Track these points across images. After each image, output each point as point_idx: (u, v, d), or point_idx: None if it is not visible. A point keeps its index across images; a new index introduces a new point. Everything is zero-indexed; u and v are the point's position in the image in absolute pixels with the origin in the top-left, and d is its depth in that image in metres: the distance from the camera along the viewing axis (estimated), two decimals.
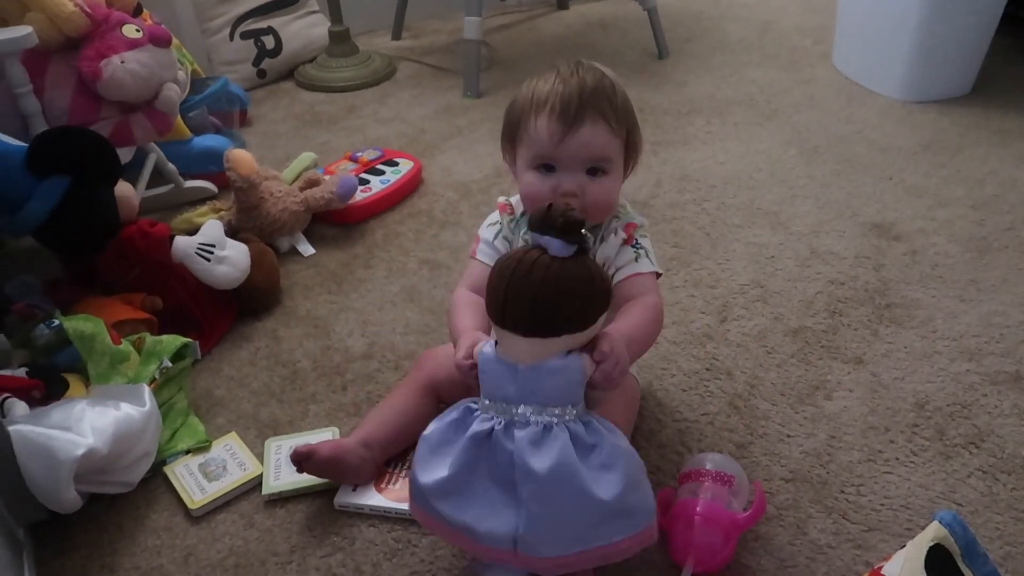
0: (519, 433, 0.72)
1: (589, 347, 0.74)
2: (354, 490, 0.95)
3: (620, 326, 0.80)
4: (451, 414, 0.77)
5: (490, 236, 0.95)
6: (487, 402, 0.75)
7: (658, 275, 0.91)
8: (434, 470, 0.75)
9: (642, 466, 0.76)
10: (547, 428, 0.72)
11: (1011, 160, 1.58)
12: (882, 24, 1.80)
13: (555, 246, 0.70)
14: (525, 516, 0.71)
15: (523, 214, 0.94)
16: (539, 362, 0.72)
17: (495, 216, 0.96)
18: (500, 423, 0.73)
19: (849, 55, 1.97)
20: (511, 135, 0.92)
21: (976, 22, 1.74)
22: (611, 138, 0.86)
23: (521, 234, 0.93)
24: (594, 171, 0.87)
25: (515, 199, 0.96)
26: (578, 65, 0.88)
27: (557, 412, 0.73)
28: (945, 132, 1.69)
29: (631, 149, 0.91)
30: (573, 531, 0.71)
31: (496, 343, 0.75)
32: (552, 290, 0.69)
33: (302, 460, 0.92)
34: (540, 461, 0.70)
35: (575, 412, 0.74)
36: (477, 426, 0.74)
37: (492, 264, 0.91)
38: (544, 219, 0.70)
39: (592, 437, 0.73)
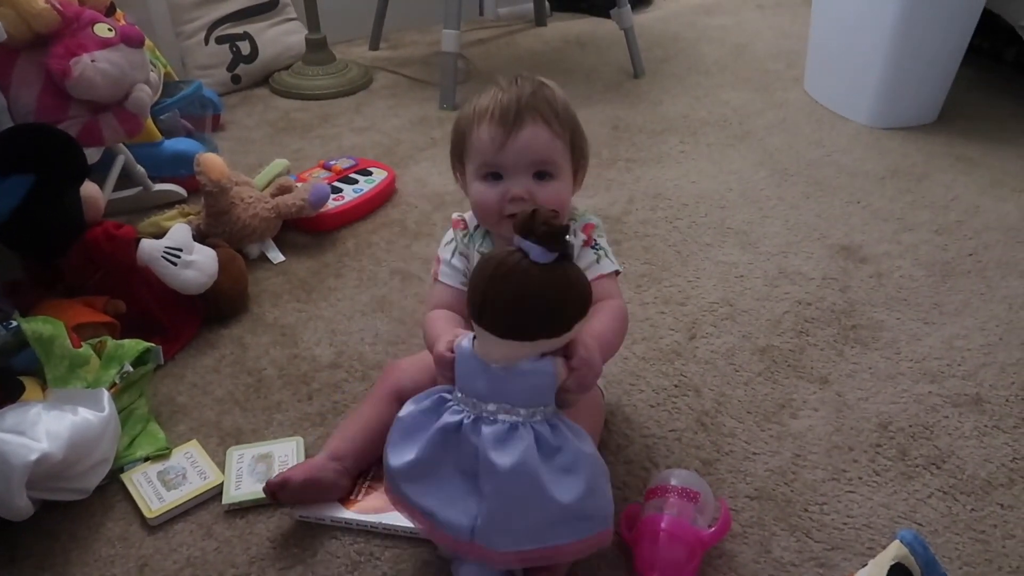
0: (486, 429, 0.74)
1: (564, 351, 0.75)
2: None
3: (594, 331, 0.81)
4: (425, 401, 0.78)
5: (448, 255, 0.94)
6: (459, 395, 0.76)
7: (617, 272, 0.92)
8: (403, 453, 0.77)
9: (606, 472, 0.78)
10: (513, 427, 0.74)
11: (975, 187, 1.61)
12: (852, 52, 1.84)
13: (535, 252, 0.70)
14: (484, 509, 0.73)
15: (477, 227, 0.95)
16: (510, 363, 0.73)
17: (450, 234, 0.96)
18: (469, 417, 0.75)
19: (820, 81, 2.01)
20: (458, 151, 0.93)
21: (943, 53, 1.78)
22: (553, 139, 0.87)
23: (476, 248, 0.94)
24: (541, 175, 0.87)
25: (469, 214, 0.96)
26: (517, 76, 0.90)
27: (524, 413, 0.74)
28: (911, 158, 1.73)
29: (577, 153, 0.91)
30: (528, 528, 0.73)
31: (475, 338, 0.76)
32: (529, 296, 0.70)
33: (277, 490, 0.90)
34: (503, 458, 0.72)
35: (543, 413, 0.75)
36: (448, 417, 0.76)
37: (452, 284, 0.92)
38: (526, 224, 0.70)
39: (557, 440, 0.74)
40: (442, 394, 0.78)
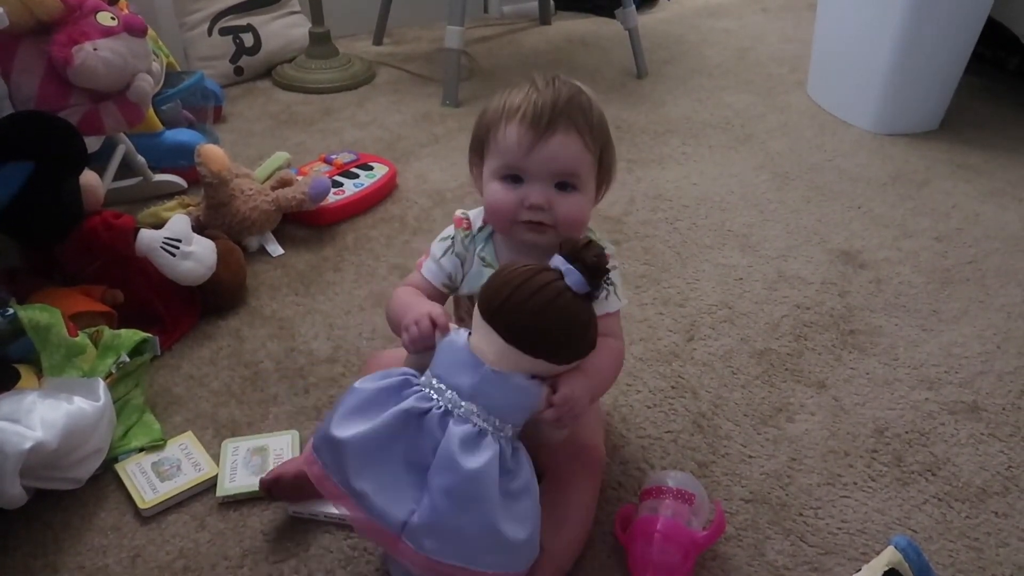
0: (455, 427, 0.72)
1: (552, 382, 0.75)
2: None
3: (589, 370, 0.78)
4: (388, 379, 0.75)
5: (439, 252, 0.90)
6: (434, 382, 0.74)
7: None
8: (352, 426, 0.72)
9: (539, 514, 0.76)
10: (482, 433, 0.72)
11: (975, 195, 1.61)
12: (856, 58, 1.84)
13: (574, 278, 0.72)
14: (427, 504, 0.70)
15: (480, 228, 0.90)
16: (508, 372, 0.73)
17: (449, 230, 0.91)
18: (440, 408, 0.73)
19: (823, 86, 2.01)
20: (479, 145, 0.88)
21: (946, 60, 1.79)
22: (583, 152, 0.83)
23: (477, 251, 0.89)
24: (563, 186, 0.83)
25: (473, 213, 0.91)
26: (554, 78, 0.85)
27: (496, 424, 0.73)
28: (913, 165, 1.73)
29: (604, 169, 0.87)
30: (460, 543, 0.70)
31: (470, 334, 0.76)
32: (554, 314, 0.71)
33: (271, 487, 0.90)
34: (467, 460, 0.70)
35: (511, 431, 0.74)
36: (415, 402, 0.73)
37: (433, 281, 0.89)
38: (576, 251, 0.72)
39: (514, 463, 0.74)
40: (408, 376, 0.75)
